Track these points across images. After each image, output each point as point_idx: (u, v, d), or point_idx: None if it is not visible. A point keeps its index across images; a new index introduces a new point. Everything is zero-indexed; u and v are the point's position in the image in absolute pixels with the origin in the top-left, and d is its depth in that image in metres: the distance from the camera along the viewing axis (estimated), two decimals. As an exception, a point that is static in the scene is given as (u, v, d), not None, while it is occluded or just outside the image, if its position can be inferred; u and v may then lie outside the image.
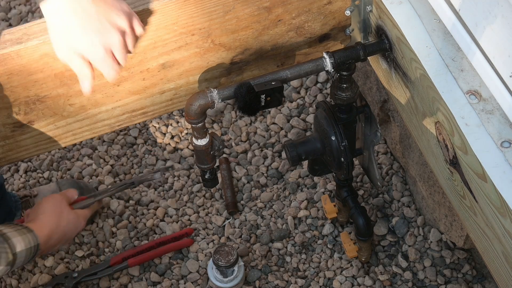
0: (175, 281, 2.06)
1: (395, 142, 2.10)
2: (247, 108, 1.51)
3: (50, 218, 1.63)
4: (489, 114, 1.32)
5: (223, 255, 1.97)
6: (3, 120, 1.52)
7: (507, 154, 1.27)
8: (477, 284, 1.99)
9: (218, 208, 2.19)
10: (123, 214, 2.18)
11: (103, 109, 1.60)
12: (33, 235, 1.55)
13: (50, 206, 1.65)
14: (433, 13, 1.46)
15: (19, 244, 1.49)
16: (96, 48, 1.35)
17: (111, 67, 1.39)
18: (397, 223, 2.09)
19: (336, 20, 1.65)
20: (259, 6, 1.54)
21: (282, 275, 2.06)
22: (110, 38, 1.35)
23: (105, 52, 1.36)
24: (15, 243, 1.48)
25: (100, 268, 2.07)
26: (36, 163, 2.30)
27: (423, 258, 2.03)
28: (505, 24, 1.22)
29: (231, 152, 2.30)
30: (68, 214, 1.67)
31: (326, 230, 2.11)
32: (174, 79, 1.61)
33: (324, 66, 1.52)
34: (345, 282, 2.03)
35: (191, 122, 1.53)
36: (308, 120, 2.32)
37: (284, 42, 1.64)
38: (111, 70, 1.39)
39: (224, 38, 1.57)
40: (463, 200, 1.41)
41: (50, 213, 1.64)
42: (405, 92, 1.52)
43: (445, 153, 1.41)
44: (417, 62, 1.41)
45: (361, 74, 2.16)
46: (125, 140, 2.34)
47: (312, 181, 2.21)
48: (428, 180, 1.94)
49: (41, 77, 1.48)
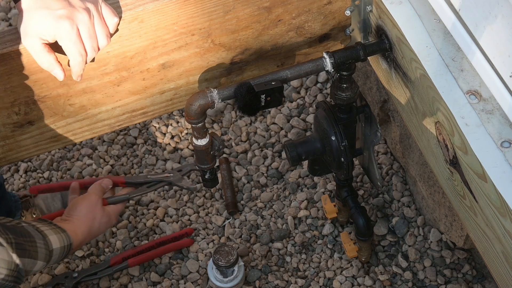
0: (175, 281, 2.06)
1: (395, 142, 2.10)
2: (247, 108, 1.51)
3: (84, 223, 1.64)
4: (489, 114, 1.32)
5: (223, 255, 1.97)
6: (3, 120, 1.52)
7: (507, 154, 1.27)
8: (477, 284, 1.99)
9: (218, 208, 2.19)
10: (123, 214, 2.18)
11: (103, 109, 1.60)
12: (67, 235, 1.57)
13: (85, 209, 1.66)
14: (433, 13, 1.46)
15: (54, 242, 1.51)
16: (62, 21, 1.32)
17: (78, 50, 1.36)
18: (397, 223, 2.09)
19: (336, 20, 1.65)
20: (259, 6, 1.54)
21: (282, 275, 2.06)
22: (76, 14, 1.33)
23: (71, 26, 1.33)
24: (52, 241, 1.51)
25: (100, 268, 2.07)
26: (36, 163, 2.30)
27: (423, 258, 2.03)
28: (505, 24, 1.22)
29: (231, 152, 2.30)
30: (101, 218, 1.68)
31: (326, 230, 2.11)
32: (174, 79, 1.61)
33: (324, 66, 1.52)
34: (345, 282, 2.03)
35: (191, 122, 1.53)
36: (308, 120, 2.32)
37: (284, 42, 1.64)
38: (77, 54, 1.36)
39: (224, 38, 1.57)
40: (463, 200, 1.41)
41: (84, 217, 1.65)
42: (405, 92, 1.52)
43: (445, 153, 1.41)
44: (417, 62, 1.41)
45: (361, 74, 2.16)
46: (125, 140, 2.34)
47: (312, 181, 2.21)
48: (428, 180, 1.94)
49: (41, 77, 1.48)
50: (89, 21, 1.35)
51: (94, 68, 1.50)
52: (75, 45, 1.35)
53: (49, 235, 1.51)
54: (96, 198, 1.69)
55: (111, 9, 1.40)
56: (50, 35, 1.34)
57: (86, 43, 1.37)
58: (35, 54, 1.37)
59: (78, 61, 1.37)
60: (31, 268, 1.44)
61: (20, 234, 1.41)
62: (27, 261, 1.41)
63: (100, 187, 1.74)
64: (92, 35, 1.36)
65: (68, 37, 1.34)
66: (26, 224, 1.47)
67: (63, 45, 1.36)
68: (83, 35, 1.36)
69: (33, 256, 1.43)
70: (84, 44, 1.37)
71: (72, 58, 1.37)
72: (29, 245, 1.42)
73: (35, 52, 1.36)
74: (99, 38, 1.39)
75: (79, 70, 1.39)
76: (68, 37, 1.34)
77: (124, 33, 1.47)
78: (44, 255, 1.47)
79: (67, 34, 1.34)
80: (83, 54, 1.37)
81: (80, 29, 1.35)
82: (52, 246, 1.50)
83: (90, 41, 1.37)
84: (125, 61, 1.53)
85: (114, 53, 1.50)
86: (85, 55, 1.37)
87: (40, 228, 1.50)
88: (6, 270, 1.35)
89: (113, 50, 1.49)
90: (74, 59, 1.37)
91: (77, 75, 1.40)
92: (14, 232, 1.39)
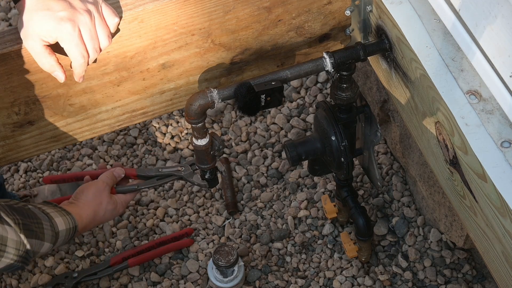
0: (175, 281, 2.06)
1: (395, 142, 2.10)
2: (247, 108, 1.51)
3: (90, 207, 1.65)
4: (489, 114, 1.32)
5: (223, 255, 1.97)
6: (3, 120, 1.52)
7: (507, 154, 1.27)
8: (477, 284, 1.99)
9: (218, 208, 2.19)
10: (123, 214, 2.18)
11: (103, 109, 1.60)
12: (72, 217, 1.58)
13: (92, 195, 1.67)
14: (433, 13, 1.46)
15: (60, 224, 1.53)
16: (64, 22, 1.32)
17: (80, 52, 1.36)
18: (397, 223, 2.09)
19: (336, 20, 1.65)
20: (259, 6, 1.54)
21: (282, 275, 2.06)
22: (77, 16, 1.33)
23: (72, 28, 1.33)
24: (57, 223, 1.52)
25: (100, 268, 2.07)
26: (36, 163, 2.30)
27: (423, 258, 2.03)
28: (505, 24, 1.22)
29: (231, 152, 2.30)
30: (107, 205, 1.68)
31: (326, 230, 2.11)
32: (174, 79, 1.61)
33: (324, 66, 1.52)
34: (345, 282, 2.03)
35: (191, 122, 1.53)
36: (308, 120, 2.32)
37: (284, 42, 1.64)
38: (79, 55, 1.36)
39: (224, 38, 1.57)
40: (463, 200, 1.41)
41: (90, 202, 1.66)
42: (405, 92, 1.52)
43: (445, 153, 1.41)
44: (417, 62, 1.41)
45: (361, 74, 2.16)
46: (125, 140, 2.34)
47: (312, 181, 2.21)
48: (428, 180, 1.94)
49: (41, 77, 1.48)
50: (91, 22, 1.35)
51: (94, 68, 1.50)
52: (77, 47, 1.35)
53: (55, 217, 1.52)
54: (104, 185, 1.69)
55: (111, 10, 1.40)
56: (51, 37, 1.34)
57: (88, 44, 1.37)
58: (37, 56, 1.37)
59: (80, 63, 1.38)
60: (38, 250, 1.45)
61: (27, 216, 1.43)
62: (34, 242, 1.43)
63: (111, 175, 1.73)
64: (93, 36, 1.37)
65: (70, 39, 1.34)
66: (32, 206, 1.48)
67: (65, 47, 1.36)
68: (85, 36, 1.36)
69: (40, 237, 1.45)
70: (86, 46, 1.37)
71: (74, 60, 1.37)
72: (35, 226, 1.44)
73: (36, 53, 1.36)
74: (101, 39, 1.39)
75: (81, 72, 1.39)
76: (70, 39, 1.34)
77: (124, 33, 1.47)
78: (51, 237, 1.49)
79: (69, 36, 1.34)
80: (85, 56, 1.37)
81: (82, 30, 1.35)
82: (58, 228, 1.52)
83: (92, 42, 1.37)
84: (125, 61, 1.53)
85: (114, 53, 1.50)
86: (87, 56, 1.37)
87: (46, 211, 1.51)
88: (15, 250, 1.37)
89: (113, 50, 1.49)
90: (77, 61, 1.37)
91: (79, 77, 1.40)
92: (21, 214, 1.41)
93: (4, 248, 1.35)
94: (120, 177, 1.76)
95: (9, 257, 1.37)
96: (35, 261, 2.10)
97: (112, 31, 1.41)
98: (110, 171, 1.74)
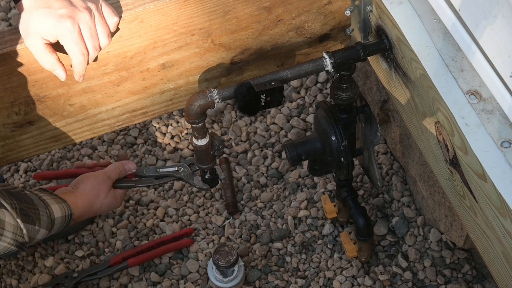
0: (175, 281, 2.06)
1: (395, 142, 2.10)
2: (247, 108, 1.51)
3: (86, 197, 1.65)
4: (489, 114, 1.32)
5: (223, 255, 1.97)
6: (3, 120, 1.52)
7: (507, 154, 1.27)
8: (477, 284, 1.99)
9: (218, 208, 2.19)
10: (123, 214, 2.18)
11: (103, 109, 1.60)
12: (67, 205, 1.58)
13: (89, 185, 1.66)
14: (433, 13, 1.46)
15: (56, 211, 1.53)
16: (64, 20, 1.32)
17: (80, 50, 1.36)
18: (397, 223, 2.09)
19: (336, 20, 1.65)
20: (259, 6, 1.54)
21: (282, 275, 2.06)
22: (77, 14, 1.33)
23: (72, 25, 1.33)
24: (54, 210, 1.52)
25: (100, 268, 2.07)
26: (36, 163, 2.30)
27: (423, 258, 2.03)
28: (505, 24, 1.22)
29: (231, 152, 2.30)
30: (105, 198, 1.68)
31: (326, 230, 2.11)
32: (174, 79, 1.61)
33: (324, 66, 1.52)
34: (345, 282, 2.03)
35: (191, 122, 1.53)
36: (308, 120, 2.32)
37: (284, 42, 1.64)
38: (79, 53, 1.36)
39: (224, 38, 1.57)
40: (463, 200, 1.41)
41: (87, 193, 1.65)
42: (405, 92, 1.52)
43: (445, 153, 1.41)
44: (417, 62, 1.41)
45: (361, 74, 2.16)
46: (125, 140, 2.34)
47: (312, 181, 2.21)
48: (428, 180, 1.94)
49: (41, 77, 1.48)
50: (91, 20, 1.35)
51: (94, 68, 1.51)
52: (77, 44, 1.35)
53: (51, 204, 1.52)
54: (104, 177, 1.69)
55: (111, 9, 1.40)
56: (52, 34, 1.34)
57: (87, 42, 1.37)
58: (38, 55, 1.37)
59: (80, 61, 1.38)
60: (34, 236, 1.45)
61: (24, 201, 1.43)
62: (30, 228, 1.43)
63: (116, 168, 1.72)
64: (93, 34, 1.37)
65: (70, 36, 1.34)
66: (29, 192, 1.49)
67: (65, 45, 1.36)
68: (85, 34, 1.36)
69: (36, 223, 1.45)
70: (85, 44, 1.37)
71: (74, 57, 1.37)
72: (32, 212, 1.44)
73: (37, 52, 1.36)
74: (100, 37, 1.39)
75: (81, 70, 1.40)
76: (70, 37, 1.34)
77: (124, 33, 1.47)
78: (47, 223, 1.49)
79: (68, 33, 1.34)
80: (85, 54, 1.37)
81: (82, 28, 1.35)
82: (54, 215, 1.52)
83: (92, 40, 1.37)
84: (125, 61, 1.53)
85: (114, 53, 1.50)
86: (87, 54, 1.38)
87: (42, 197, 1.52)
88: (12, 234, 1.37)
89: (113, 50, 1.49)
90: (76, 59, 1.37)
91: (80, 75, 1.40)
92: (18, 198, 1.41)
93: (2, 231, 1.36)
94: (131, 171, 1.74)
95: (6, 241, 1.37)
96: (35, 261, 2.10)
97: (112, 30, 1.42)
98: (121, 163, 1.72)
